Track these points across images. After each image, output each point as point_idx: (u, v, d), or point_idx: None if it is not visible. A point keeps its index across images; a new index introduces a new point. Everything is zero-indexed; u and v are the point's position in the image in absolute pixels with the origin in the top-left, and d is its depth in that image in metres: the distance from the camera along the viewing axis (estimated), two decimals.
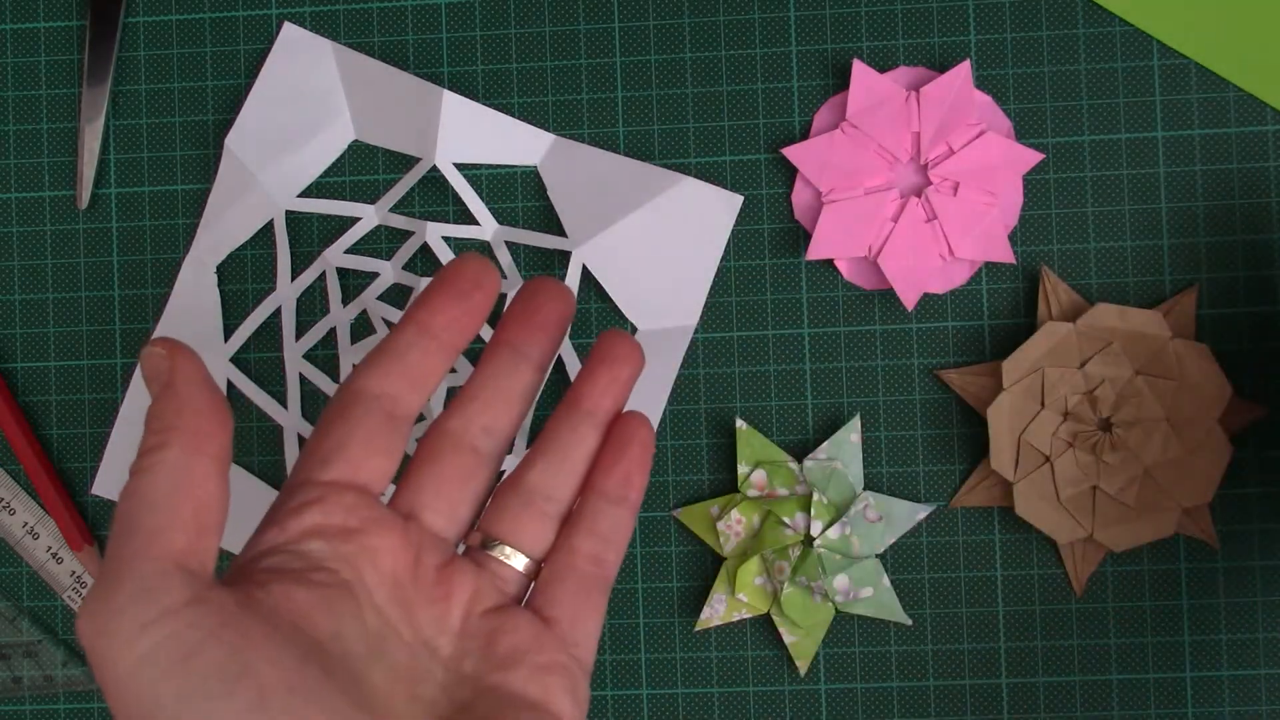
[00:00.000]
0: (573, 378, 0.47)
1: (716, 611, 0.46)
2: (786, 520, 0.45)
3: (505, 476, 0.36)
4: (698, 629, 0.47)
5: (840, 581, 0.46)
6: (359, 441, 0.31)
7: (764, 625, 0.47)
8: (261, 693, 0.26)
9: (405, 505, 0.32)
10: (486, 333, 0.47)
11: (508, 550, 0.32)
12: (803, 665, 0.46)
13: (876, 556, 0.46)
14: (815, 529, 0.45)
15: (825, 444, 0.46)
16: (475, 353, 0.48)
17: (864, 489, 0.47)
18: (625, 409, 0.41)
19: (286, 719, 0.26)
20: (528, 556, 0.32)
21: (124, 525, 0.28)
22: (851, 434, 0.46)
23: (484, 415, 0.33)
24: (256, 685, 0.26)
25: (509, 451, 0.46)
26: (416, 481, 0.32)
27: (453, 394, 0.47)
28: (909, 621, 0.46)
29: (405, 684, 0.29)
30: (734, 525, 0.46)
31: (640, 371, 0.34)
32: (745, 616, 0.46)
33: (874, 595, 0.46)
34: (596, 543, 0.33)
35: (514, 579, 0.32)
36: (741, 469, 0.46)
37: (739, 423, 0.46)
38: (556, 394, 0.48)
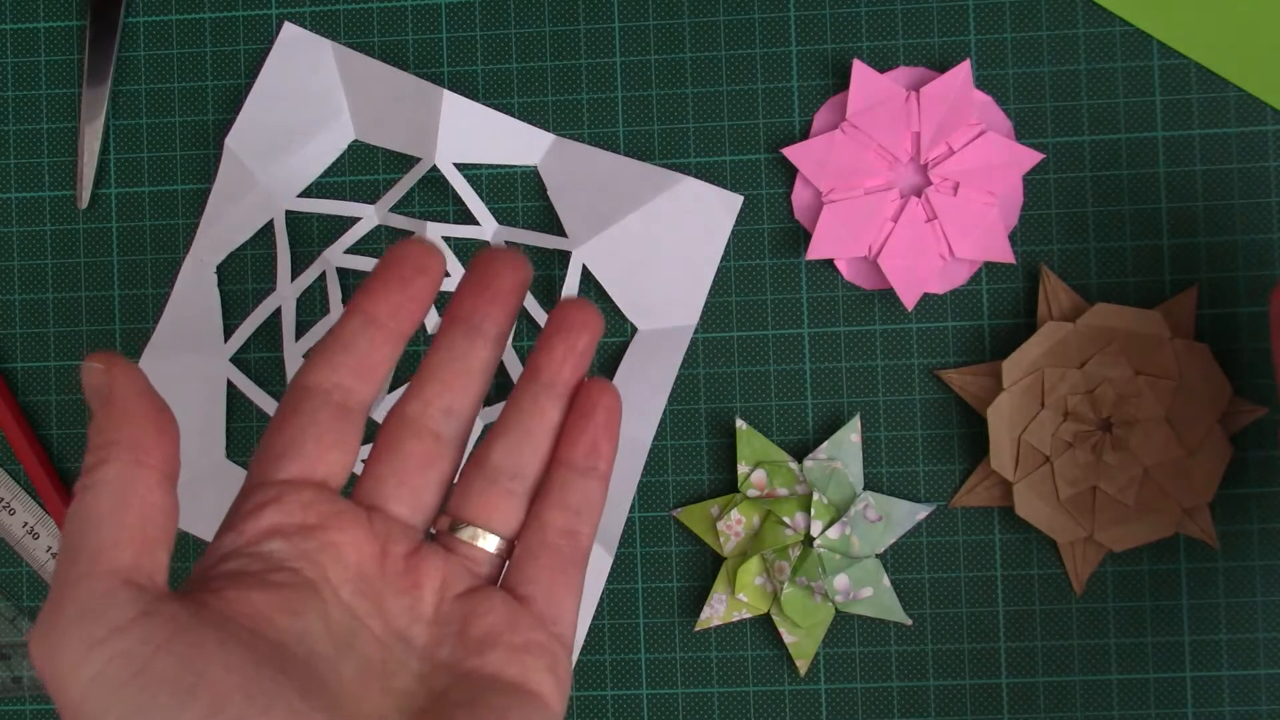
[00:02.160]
0: None
1: (716, 611, 0.46)
2: (786, 520, 0.45)
3: (469, 456, 0.35)
4: (698, 629, 0.47)
5: (840, 581, 0.46)
6: (312, 437, 0.31)
7: (764, 625, 0.47)
8: (215, 702, 0.25)
9: (367, 496, 0.32)
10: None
11: (477, 532, 0.32)
12: (803, 665, 0.46)
13: (876, 556, 0.46)
14: (815, 529, 0.45)
15: (825, 444, 0.46)
16: None
17: (864, 489, 0.47)
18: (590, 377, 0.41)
19: None
20: (498, 536, 0.32)
21: (68, 546, 0.27)
22: (851, 434, 0.46)
23: (443, 397, 0.32)
24: (210, 695, 0.25)
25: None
26: (377, 471, 0.32)
27: None
28: (909, 621, 0.46)
29: (377, 678, 0.29)
30: (734, 525, 0.46)
31: (599, 337, 0.33)
32: (745, 616, 0.46)
33: (874, 595, 0.46)
34: (568, 516, 0.32)
35: (486, 561, 0.32)
36: (741, 469, 0.46)
37: (739, 423, 0.46)
38: None
